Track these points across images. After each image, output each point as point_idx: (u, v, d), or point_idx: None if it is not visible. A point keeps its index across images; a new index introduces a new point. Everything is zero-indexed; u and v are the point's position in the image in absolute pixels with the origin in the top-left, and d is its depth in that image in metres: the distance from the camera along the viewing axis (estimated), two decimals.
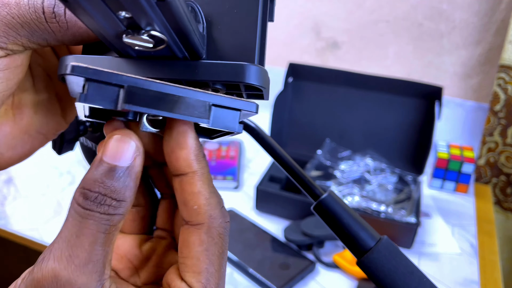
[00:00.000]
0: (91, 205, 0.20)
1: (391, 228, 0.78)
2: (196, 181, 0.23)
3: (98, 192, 0.20)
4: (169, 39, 0.19)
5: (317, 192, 0.28)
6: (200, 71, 0.21)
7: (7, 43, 0.21)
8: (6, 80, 0.22)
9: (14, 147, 0.25)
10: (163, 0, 0.16)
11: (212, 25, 0.22)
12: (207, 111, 0.20)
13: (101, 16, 0.17)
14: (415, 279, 0.26)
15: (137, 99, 0.19)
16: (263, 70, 0.21)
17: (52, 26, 0.21)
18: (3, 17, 0.20)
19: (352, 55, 1.15)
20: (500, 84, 0.97)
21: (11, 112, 0.25)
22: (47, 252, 0.20)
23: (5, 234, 0.82)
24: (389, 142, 0.99)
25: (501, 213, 1.07)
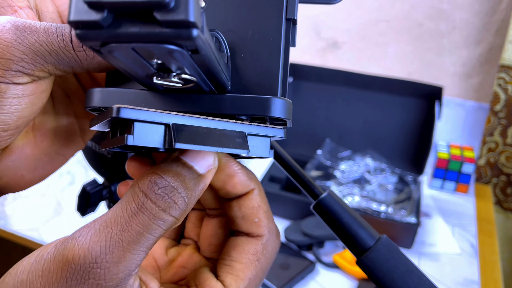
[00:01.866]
0: (157, 194, 0.19)
1: (391, 228, 0.78)
2: (255, 197, 0.24)
3: (170, 182, 0.19)
4: (198, 79, 0.19)
5: (317, 192, 0.28)
6: (227, 105, 0.21)
7: (34, 70, 0.21)
8: (31, 105, 0.22)
9: (34, 168, 0.25)
10: (197, 52, 0.16)
11: (236, 54, 0.22)
12: (245, 141, 0.20)
13: (132, 62, 0.17)
14: (415, 278, 0.26)
15: (184, 136, 0.19)
16: (288, 102, 0.22)
17: (79, 54, 0.21)
18: (32, 44, 0.20)
19: (352, 55, 1.14)
20: (501, 84, 0.97)
21: (32, 134, 0.25)
22: (86, 230, 0.19)
23: (5, 234, 0.82)
24: (389, 142, 0.99)
25: (501, 213, 1.07)
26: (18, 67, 0.20)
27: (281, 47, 0.22)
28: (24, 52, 0.20)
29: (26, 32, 0.20)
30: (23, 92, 0.21)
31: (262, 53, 0.22)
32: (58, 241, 0.20)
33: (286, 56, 0.22)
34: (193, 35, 0.15)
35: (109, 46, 0.16)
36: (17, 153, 0.24)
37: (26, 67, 0.20)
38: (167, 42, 0.15)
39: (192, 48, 0.16)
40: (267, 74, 0.22)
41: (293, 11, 0.22)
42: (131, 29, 0.15)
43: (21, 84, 0.21)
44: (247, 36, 0.22)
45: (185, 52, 0.16)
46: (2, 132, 0.22)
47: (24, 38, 0.20)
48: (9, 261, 0.81)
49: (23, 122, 0.22)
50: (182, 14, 0.14)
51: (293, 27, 0.23)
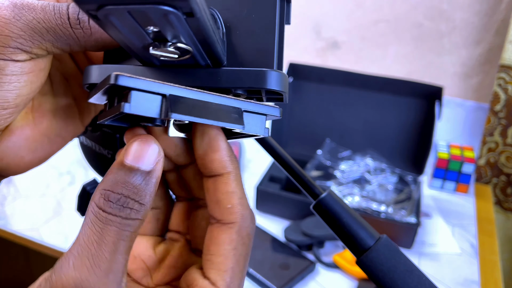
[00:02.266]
0: (113, 208, 0.20)
1: (391, 228, 0.78)
2: (230, 181, 0.24)
3: (121, 193, 0.20)
4: (194, 50, 0.19)
5: (317, 192, 0.28)
6: (223, 79, 0.21)
7: (32, 47, 0.21)
8: (30, 83, 0.22)
9: (34, 150, 0.26)
10: (192, 16, 0.16)
11: (231, 31, 0.22)
12: (241, 117, 0.21)
13: (129, 30, 0.18)
14: (415, 278, 0.26)
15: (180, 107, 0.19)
16: (283, 75, 0.22)
17: (76, 32, 0.21)
18: (29, 21, 0.21)
19: (352, 55, 1.14)
20: (501, 84, 0.97)
21: (31, 115, 0.26)
22: (66, 260, 0.20)
23: (5, 234, 0.82)
24: (389, 142, 0.99)
25: (501, 213, 1.07)
26: (16, 44, 0.21)
27: (276, 24, 0.22)
28: (22, 29, 0.20)
29: (24, 10, 0.20)
30: (21, 70, 0.21)
31: (257, 30, 0.22)
32: (42, 279, 0.21)
33: (281, 33, 0.23)
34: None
35: (105, 9, 0.16)
36: (17, 134, 0.25)
37: (24, 44, 0.21)
38: (162, 3, 0.15)
39: (187, 11, 0.16)
40: (263, 49, 0.22)
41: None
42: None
43: (20, 61, 0.21)
44: (242, 14, 0.22)
45: (180, 14, 0.16)
46: (2, 110, 0.22)
47: (22, 15, 0.20)
48: (9, 261, 0.81)
49: (22, 101, 0.23)
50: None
51: (287, 5, 0.24)
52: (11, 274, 1.08)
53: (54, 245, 0.78)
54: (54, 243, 0.78)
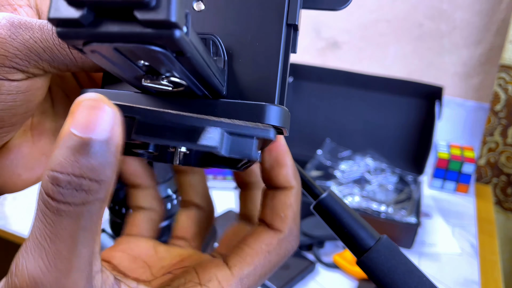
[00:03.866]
0: (65, 194, 0.16)
1: (392, 228, 0.78)
2: (291, 195, 0.25)
3: (72, 173, 0.16)
4: (188, 83, 0.18)
5: (317, 192, 0.28)
6: (219, 111, 0.20)
7: (29, 67, 0.21)
8: (27, 102, 0.22)
9: (32, 168, 0.25)
10: (182, 55, 0.16)
11: (233, 58, 0.21)
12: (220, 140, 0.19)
13: (118, 64, 0.17)
14: (415, 279, 0.26)
15: (147, 129, 0.18)
16: (283, 110, 0.21)
17: (74, 52, 0.21)
18: (26, 40, 0.20)
19: (352, 55, 1.14)
20: (501, 84, 0.97)
21: (30, 133, 0.25)
22: (20, 258, 0.17)
23: (5, 234, 0.82)
24: (389, 142, 0.99)
25: (501, 213, 1.07)
26: (12, 63, 0.20)
27: (281, 53, 0.21)
28: (18, 48, 0.20)
29: (21, 29, 0.20)
30: (17, 89, 0.21)
31: (260, 58, 0.21)
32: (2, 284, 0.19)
33: (286, 63, 0.22)
34: (175, 36, 0.14)
35: (91, 45, 0.15)
36: (14, 152, 0.24)
37: (20, 63, 0.20)
38: (149, 43, 0.15)
39: (177, 50, 0.15)
40: (265, 80, 0.21)
41: (294, 17, 0.22)
42: (111, 28, 0.14)
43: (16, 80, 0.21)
44: (246, 41, 0.21)
45: (169, 54, 0.15)
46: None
47: (19, 34, 0.20)
48: (9, 261, 0.81)
49: (18, 120, 0.22)
50: (163, 13, 0.14)
51: (294, 33, 0.22)
52: None
53: None
54: None
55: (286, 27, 0.22)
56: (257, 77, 0.21)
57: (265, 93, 0.21)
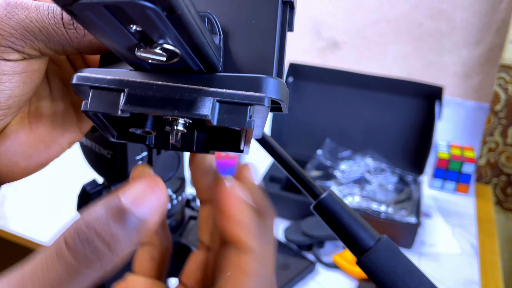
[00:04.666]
0: (78, 249, 0.16)
1: (392, 228, 0.78)
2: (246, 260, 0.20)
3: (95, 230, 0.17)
4: (182, 52, 0.18)
5: (317, 192, 0.28)
6: (215, 85, 0.20)
7: (24, 47, 0.21)
8: (23, 84, 0.22)
9: (29, 156, 0.25)
10: (173, 13, 0.15)
11: (229, 36, 0.21)
12: (210, 107, 0.19)
13: (111, 30, 0.17)
14: (415, 279, 0.26)
15: (136, 100, 0.18)
16: (281, 82, 0.20)
17: (69, 32, 0.21)
18: (22, 20, 0.20)
19: (352, 55, 1.14)
20: (501, 84, 0.97)
21: (27, 121, 0.25)
22: None
23: (5, 234, 0.82)
24: (389, 142, 0.99)
25: (501, 213, 1.07)
26: (7, 42, 0.20)
27: (277, 31, 0.21)
28: (14, 28, 0.20)
29: (17, 8, 0.20)
30: (13, 69, 0.21)
31: (256, 36, 0.21)
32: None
33: (283, 40, 0.22)
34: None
35: (79, 3, 0.15)
36: (11, 138, 0.24)
37: (16, 43, 0.21)
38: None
39: (167, 6, 0.15)
40: (262, 57, 0.21)
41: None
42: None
43: (11, 60, 0.21)
44: (241, 19, 0.21)
45: (158, 10, 0.15)
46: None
47: (15, 13, 0.20)
48: (9, 261, 0.81)
49: (15, 102, 0.22)
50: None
51: (290, 11, 0.22)
52: None
53: None
54: None
55: (282, 4, 0.22)
56: (254, 54, 0.21)
57: (262, 69, 0.20)
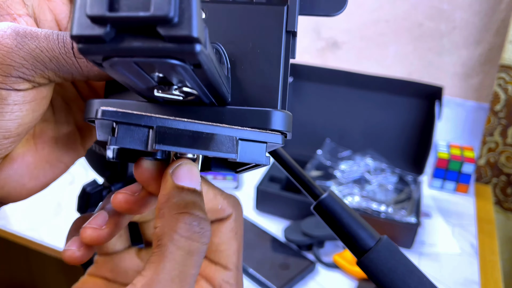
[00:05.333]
0: (198, 233, 0.20)
1: (391, 228, 0.78)
2: (210, 189, 0.26)
3: (198, 217, 0.20)
4: (199, 92, 0.19)
5: (317, 192, 0.28)
6: (227, 118, 0.21)
7: (35, 76, 0.21)
8: (32, 112, 0.22)
9: (36, 177, 0.25)
10: (199, 67, 0.16)
11: (236, 65, 0.22)
12: (235, 146, 0.20)
13: (133, 76, 0.17)
14: (415, 279, 0.26)
15: (166, 138, 0.19)
16: (288, 115, 0.22)
17: (79, 61, 0.21)
18: (32, 50, 0.20)
19: (352, 55, 1.14)
20: (501, 84, 0.97)
21: (33, 142, 0.25)
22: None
23: (5, 234, 0.82)
24: (389, 142, 0.99)
25: (501, 213, 1.07)
26: (18, 73, 0.20)
27: (281, 60, 0.22)
28: (24, 58, 0.20)
29: (26, 38, 0.20)
30: (24, 99, 0.21)
31: (262, 65, 0.22)
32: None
33: (286, 68, 0.23)
34: (196, 50, 0.15)
35: (111, 60, 0.16)
36: (18, 161, 0.24)
37: (26, 73, 0.20)
38: (169, 57, 0.15)
39: (195, 63, 0.16)
40: (267, 86, 0.22)
41: (293, 24, 0.23)
42: (134, 43, 0.15)
43: (22, 90, 0.21)
44: (247, 48, 0.22)
45: (187, 67, 0.16)
46: (3, 139, 0.21)
47: (25, 44, 0.20)
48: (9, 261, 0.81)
49: (24, 129, 0.22)
50: (186, 29, 0.14)
51: (293, 39, 0.23)
52: (11, 274, 1.08)
53: (54, 245, 0.78)
54: (54, 243, 0.78)
55: (286, 34, 0.22)
56: (260, 83, 0.22)
57: (268, 99, 0.22)
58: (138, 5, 0.14)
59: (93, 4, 0.14)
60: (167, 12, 0.14)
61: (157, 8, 0.14)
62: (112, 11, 0.14)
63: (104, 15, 0.14)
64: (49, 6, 0.24)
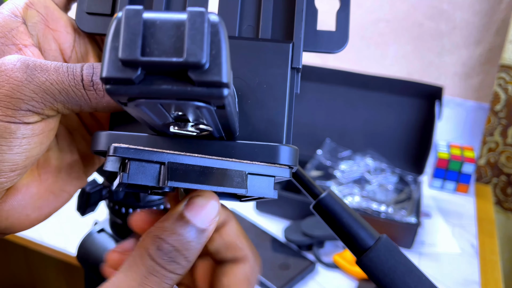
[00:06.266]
0: (163, 259, 0.20)
1: (392, 228, 0.78)
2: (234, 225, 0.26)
3: (173, 246, 0.20)
4: (214, 129, 0.20)
5: (317, 192, 0.28)
6: (236, 152, 0.21)
7: (44, 109, 0.21)
8: (40, 144, 0.22)
9: (39, 207, 0.25)
10: (223, 108, 0.17)
11: (242, 100, 0.23)
12: (244, 181, 0.21)
13: (154, 114, 0.18)
14: (415, 278, 0.26)
15: (178, 175, 0.19)
16: (294, 150, 0.22)
17: (89, 93, 0.21)
18: (42, 83, 0.20)
19: (352, 55, 1.14)
20: (501, 84, 0.97)
21: (37, 172, 0.25)
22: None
23: None
24: (389, 142, 0.99)
25: (501, 213, 1.07)
26: (28, 106, 0.20)
27: (286, 95, 0.23)
28: (34, 91, 0.20)
29: (36, 71, 0.20)
30: (32, 132, 0.21)
31: (268, 100, 0.23)
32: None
33: (291, 103, 0.23)
34: (224, 94, 0.15)
35: (138, 101, 0.16)
36: (22, 192, 0.24)
37: (36, 106, 0.20)
38: (197, 100, 0.15)
39: (219, 105, 0.16)
40: (273, 121, 0.23)
41: (298, 61, 0.24)
42: (163, 86, 0.15)
43: (31, 123, 0.21)
44: (254, 83, 0.23)
45: (212, 108, 0.16)
46: (10, 172, 0.21)
47: (35, 76, 0.20)
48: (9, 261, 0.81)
49: (31, 162, 0.22)
50: (217, 75, 0.15)
51: (297, 75, 0.24)
52: (11, 274, 1.08)
53: (54, 245, 0.78)
54: (54, 243, 0.78)
55: (291, 70, 0.23)
56: (266, 118, 0.23)
57: (273, 133, 0.23)
58: (170, 50, 0.14)
59: (125, 48, 0.14)
60: (200, 59, 0.14)
61: (190, 54, 0.14)
62: (145, 55, 0.14)
63: (137, 59, 0.14)
64: (53, 35, 0.24)
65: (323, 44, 0.25)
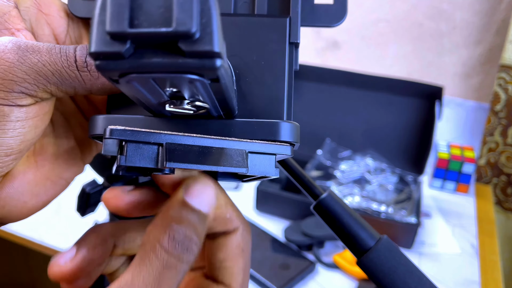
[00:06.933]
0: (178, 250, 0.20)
1: (392, 228, 0.78)
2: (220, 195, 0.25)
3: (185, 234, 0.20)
4: (210, 106, 0.19)
5: (317, 192, 0.28)
6: (235, 131, 0.21)
7: (37, 91, 0.20)
8: (34, 128, 0.22)
9: (37, 194, 0.25)
10: (217, 81, 0.16)
11: (240, 78, 0.22)
12: (245, 160, 0.20)
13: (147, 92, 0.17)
14: (415, 279, 0.26)
15: (177, 156, 0.19)
16: (295, 126, 0.22)
17: (83, 75, 0.20)
18: (34, 64, 0.20)
19: (352, 55, 1.14)
20: (501, 84, 0.97)
21: (33, 159, 0.25)
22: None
23: (5, 234, 0.82)
24: (389, 142, 0.99)
25: (501, 213, 1.07)
26: (21, 88, 0.20)
27: (286, 71, 0.22)
28: (26, 73, 0.20)
29: (28, 52, 0.20)
30: (26, 115, 0.21)
31: (267, 77, 0.22)
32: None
33: (290, 79, 0.23)
34: (217, 65, 0.15)
35: (129, 76, 0.15)
36: (19, 179, 0.24)
37: (29, 88, 0.20)
38: (189, 72, 0.15)
39: (213, 77, 0.16)
40: (273, 98, 0.22)
41: (296, 35, 0.23)
42: (154, 59, 0.15)
43: (25, 106, 0.20)
44: (251, 60, 0.22)
45: (205, 81, 0.16)
46: (5, 157, 0.21)
47: (27, 58, 0.20)
48: (9, 261, 0.81)
49: (26, 146, 0.22)
50: (208, 44, 0.14)
51: (296, 50, 0.23)
52: (11, 274, 1.08)
53: (54, 245, 0.78)
54: (54, 243, 0.78)
55: (289, 45, 0.23)
56: (265, 95, 0.22)
57: (274, 110, 0.22)
58: (159, 20, 0.14)
59: (113, 20, 0.14)
60: (190, 28, 0.14)
61: (179, 24, 0.14)
62: (133, 27, 0.14)
63: (125, 32, 0.14)
64: (46, 20, 0.24)
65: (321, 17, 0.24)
